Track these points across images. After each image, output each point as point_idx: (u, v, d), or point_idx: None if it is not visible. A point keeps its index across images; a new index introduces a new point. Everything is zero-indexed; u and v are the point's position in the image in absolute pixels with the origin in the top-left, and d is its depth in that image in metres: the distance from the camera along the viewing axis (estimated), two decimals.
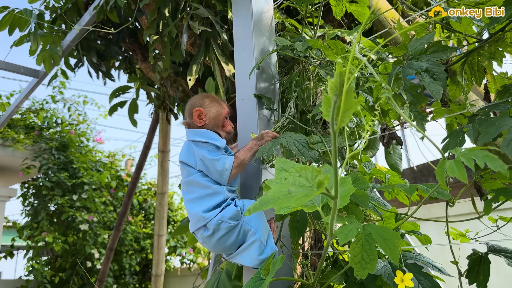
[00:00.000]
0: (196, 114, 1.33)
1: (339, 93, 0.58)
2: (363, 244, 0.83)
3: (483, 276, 0.97)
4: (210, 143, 1.26)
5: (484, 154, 0.68)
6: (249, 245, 1.18)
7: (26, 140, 5.83)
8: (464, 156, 0.71)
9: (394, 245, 0.80)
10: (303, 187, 0.70)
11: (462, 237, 1.18)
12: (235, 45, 1.61)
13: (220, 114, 1.36)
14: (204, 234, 1.21)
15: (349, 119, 0.60)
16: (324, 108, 0.61)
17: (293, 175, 0.73)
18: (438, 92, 0.87)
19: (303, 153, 1.09)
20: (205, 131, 1.30)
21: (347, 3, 1.59)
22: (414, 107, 0.91)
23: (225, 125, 1.38)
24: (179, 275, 7.20)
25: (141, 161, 4.82)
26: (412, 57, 0.99)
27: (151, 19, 2.17)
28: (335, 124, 0.60)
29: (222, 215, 1.19)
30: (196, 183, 1.25)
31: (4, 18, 2.84)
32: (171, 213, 7.57)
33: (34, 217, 5.97)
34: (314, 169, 0.72)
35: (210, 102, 1.37)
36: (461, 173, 0.69)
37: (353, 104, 0.58)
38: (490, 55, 1.00)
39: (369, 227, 0.86)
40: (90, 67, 3.37)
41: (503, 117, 0.90)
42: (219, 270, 1.90)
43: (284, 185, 0.71)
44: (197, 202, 1.23)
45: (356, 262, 0.82)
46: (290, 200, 0.67)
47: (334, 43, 1.18)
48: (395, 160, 1.72)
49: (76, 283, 5.91)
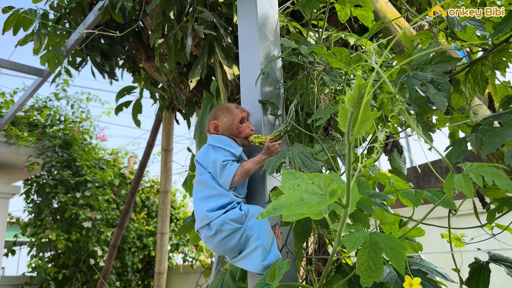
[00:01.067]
0: (213, 127, 1.43)
1: (357, 105, 0.58)
2: (370, 253, 0.84)
3: (483, 284, 0.98)
4: (225, 149, 1.34)
5: (492, 171, 0.69)
6: (252, 250, 1.20)
7: (30, 137, 5.85)
8: (472, 171, 0.72)
9: (400, 254, 0.81)
10: (316, 194, 0.71)
11: (459, 244, 1.20)
12: (240, 50, 1.62)
13: (231, 123, 1.41)
14: (207, 233, 1.26)
15: (365, 131, 0.60)
16: (340, 118, 0.62)
17: (306, 182, 0.74)
18: (443, 103, 0.88)
19: (306, 164, 1.10)
20: (223, 138, 1.39)
21: (352, 7, 1.61)
22: (420, 118, 0.93)
23: (241, 131, 1.42)
24: (182, 272, 7.24)
25: (144, 159, 4.84)
26: (417, 67, 1.00)
27: (156, 22, 2.19)
28: (351, 135, 0.61)
29: (225, 216, 1.23)
30: (205, 183, 1.31)
31: (9, 18, 2.86)
32: (173, 211, 7.61)
33: (37, 214, 6.00)
34: (327, 177, 0.73)
35: (221, 113, 1.44)
36: (469, 189, 0.70)
37: (370, 116, 0.58)
38: (493, 66, 1.01)
39: (376, 236, 0.87)
40: (94, 67, 3.39)
41: (507, 128, 0.91)
42: (223, 271, 1.91)
43: (297, 191, 0.72)
44: (204, 201, 1.29)
45: (363, 270, 0.83)
46: (303, 207, 0.67)
47: (339, 50, 1.19)
48: (399, 164, 1.72)
49: (80, 280, 5.95)
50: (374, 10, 1.72)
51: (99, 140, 7.24)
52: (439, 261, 1.52)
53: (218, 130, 1.42)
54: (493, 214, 0.91)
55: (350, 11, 1.60)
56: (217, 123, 1.42)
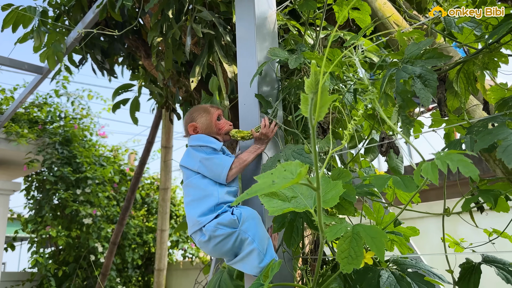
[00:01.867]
0: (191, 129, 1.45)
1: (315, 90, 0.63)
2: (351, 242, 0.87)
3: (473, 285, 0.99)
4: (207, 146, 1.36)
5: (458, 158, 0.71)
6: (247, 254, 1.21)
7: (30, 134, 5.86)
8: (440, 159, 0.73)
9: (381, 242, 0.84)
10: (287, 178, 0.74)
11: (458, 247, 1.20)
12: (238, 51, 1.62)
13: (210, 121, 1.45)
14: (201, 239, 1.26)
15: (325, 113, 0.65)
16: (303, 106, 0.66)
17: (279, 170, 0.77)
18: (428, 99, 0.88)
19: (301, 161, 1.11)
20: (201, 136, 1.42)
21: (349, 10, 1.61)
22: (402, 111, 0.93)
23: (220, 127, 1.46)
24: (181, 269, 7.26)
25: (144, 156, 4.85)
26: (407, 60, 1.00)
27: (154, 21, 2.18)
28: (313, 118, 0.65)
29: (217, 221, 1.23)
30: (193, 185, 1.33)
31: (8, 15, 2.86)
32: (173, 208, 7.63)
33: (38, 211, 6.02)
34: (298, 164, 0.76)
35: (198, 114, 1.47)
36: (434, 175, 0.72)
37: (328, 100, 0.63)
38: (483, 65, 1.01)
39: (359, 227, 0.90)
40: (94, 64, 3.39)
41: (500, 127, 0.91)
42: (221, 269, 1.93)
43: (270, 178, 0.75)
44: (193, 205, 1.30)
45: (343, 257, 0.86)
46: (272, 188, 0.71)
47: (332, 53, 1.19)
48: (396, 163, 1.73)
49: (80, 276, 5.98)
50: (372, 9, 1.72)
51: (99, 137, 7.25)
52: (438, 260, 1.53)
53: (197, 131, 1.44)
54: (468, 202, 0.93)
55: (347, 14, 1.61)
56: (195, 125, 1.44)
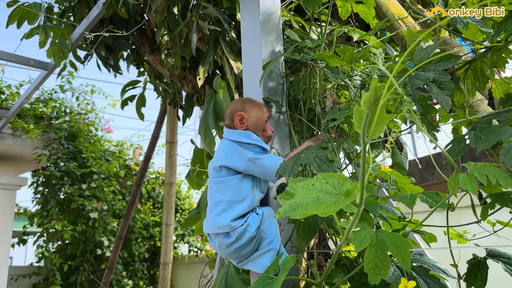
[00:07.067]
0: (238, 118, 1.32)
1: (373, 107, 0.59)
2: (377, 251, 0.85)
3: (481, 280, 1.00)
4: (256, 145, 1.25)
5: (496, 171, 0.72)
6: (263, 253, 1.19)
7: (36, 130, 5.90)
8: (477, 171, 0.74)
9: (406, 252, 0.83)
10: (331, 194, 0.71)
11: (462, 240, 1.22)
12: (243, 47, 1.63)
13: (261, 118, 1.34)
14: (224, 241, 1.20)
15: (381, 132, 0.60)
16: (356, 120, 0.62)
17: (320, 181, 0.74)
18: (447, 102, 0.90)
19: (323, 169, 1.07)
20: (250, 133, 1.29)
21: (353, 3, 1.61)
22: (424, 118, 0.94)
23: (266, 130, 1.36)
24: (187, 262, 7.32)
25: (149, 151, 4.88)
26: (419, 67, 1.01)
27: (161, 18, 2.19)
28: (366, 136, 0.61)
29: (247, 224, 1.19)
30: (230, 185, 1.23)
31: (13, 12, 2.88)
32: (178, 202, 7.67)
33: (44, 205, 6.08)
34: (341, 177, 0.74)
35: (251, 106, 1.35)
36: (473, 187, 0.73)
37: (385, 118, 0.59)
38: (492, 64, 1.02)
39: (382, 234, 0.88)
40: (99, 60, 3.41)
41: (503, 125, 0.92)
42: (227, 264, 1.95)
43: (312, 191, 0.72)
44: (225, 206, 1.21)
45: (370, 268, 0.84)
46: (320, 207, 0.67)
47: (343, 50, 1.20)
48: (401, 159, 1.74)
49: (87, 269, 6.04)
50: (376, 4, 1.71)
51: (105, 131, 7.29)
52: (442, 254, 1.55)
53: (244, 122, 1.31)
54: (486, 210, 0.93)
55: (351, 7, 1.60)
56: (244, 115, 1.31)
